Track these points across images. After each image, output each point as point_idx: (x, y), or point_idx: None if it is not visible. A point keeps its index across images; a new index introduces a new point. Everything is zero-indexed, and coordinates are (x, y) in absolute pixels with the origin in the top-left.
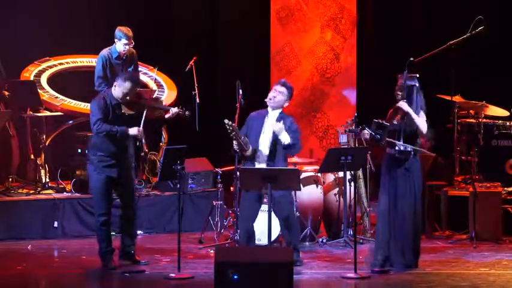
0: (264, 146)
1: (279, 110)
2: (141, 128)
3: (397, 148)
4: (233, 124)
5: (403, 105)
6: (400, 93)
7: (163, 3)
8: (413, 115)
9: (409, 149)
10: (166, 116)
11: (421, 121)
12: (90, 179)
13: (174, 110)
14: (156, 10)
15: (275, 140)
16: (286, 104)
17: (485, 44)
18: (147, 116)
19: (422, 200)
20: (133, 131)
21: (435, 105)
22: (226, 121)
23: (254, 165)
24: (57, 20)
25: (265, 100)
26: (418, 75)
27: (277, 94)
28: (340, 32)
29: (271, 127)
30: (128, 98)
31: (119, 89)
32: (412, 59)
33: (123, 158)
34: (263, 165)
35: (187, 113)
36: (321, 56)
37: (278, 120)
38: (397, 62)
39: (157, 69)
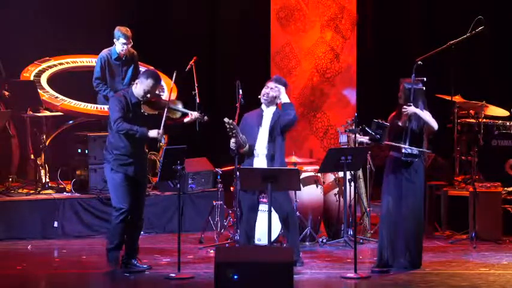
0: (263, 140)
1: (274, 107)
2: (161, 130)
3: (403, 151)
4: (233, 122)
5: (409, 108)
6: (403, 96)
7: (163, 3)
8: (422, 114)
9: (415, 152)
10: (185, 120)
11: (431, 117)
12: (108, 177)
13: (195, 114)
14: (156, 10)
15: (273, 133)
16: (280, 101)
17: (485, 43)
18: (166, 117)
19: (423, 200)
20: (153, 133)
21: (435, 105)
22: (226, 120)
23: (253, 162)
24: (57, 20)
25: (259, 97)
26: (425, 79)
27: (269, 90)
28: (340, 32)
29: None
30: (148, 95)
31: (141, 86)
32: (420, 62)
33: (140, 158)
34: (262, 160)
35: (205, 118)
36: (320, 56)
37: (275, 114)
38: (396, 62)
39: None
